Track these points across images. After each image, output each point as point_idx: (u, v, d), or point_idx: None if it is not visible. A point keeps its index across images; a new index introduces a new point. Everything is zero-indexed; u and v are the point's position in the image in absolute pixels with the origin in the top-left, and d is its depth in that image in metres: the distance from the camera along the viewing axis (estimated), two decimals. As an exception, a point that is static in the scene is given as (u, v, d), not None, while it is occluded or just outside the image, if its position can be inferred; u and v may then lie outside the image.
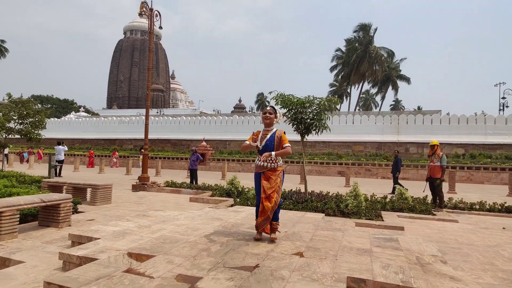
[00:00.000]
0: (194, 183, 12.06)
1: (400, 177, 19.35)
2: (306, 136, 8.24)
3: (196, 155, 12.90)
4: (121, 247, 3.22)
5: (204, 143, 24.86)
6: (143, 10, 11.83)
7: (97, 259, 2.87)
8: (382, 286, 2.47)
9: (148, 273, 2.51)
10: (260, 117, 3.98)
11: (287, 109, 7.99)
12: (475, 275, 3.75)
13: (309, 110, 8.00)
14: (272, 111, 3.78)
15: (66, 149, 17.29)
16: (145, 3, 11.94)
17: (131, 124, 31.34)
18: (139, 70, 61.02)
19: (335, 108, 8.44)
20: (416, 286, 2.51)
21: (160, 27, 12.61)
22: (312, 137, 8.41)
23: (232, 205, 7.45)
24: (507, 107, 33.68)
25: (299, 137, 8.35)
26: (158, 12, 12.37)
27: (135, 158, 24.57)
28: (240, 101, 59.67)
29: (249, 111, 56.52)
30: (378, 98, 49.71)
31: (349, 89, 45.64)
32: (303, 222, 4.64)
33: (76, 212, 6.62)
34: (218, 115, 34.69)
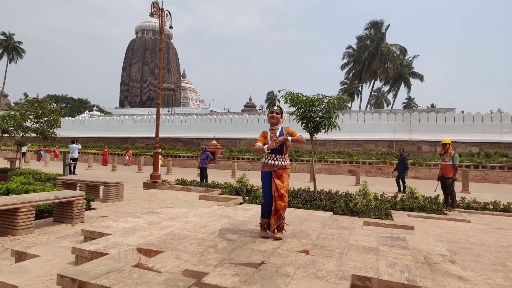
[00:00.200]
0: (204, 181, 12.19)
1: (412, 176, 19.20)
2: (316, 134, 8.22)
3: (206, 153, 13.02)
4: (131, 242, 3.30)
5: (215, 141, 25.04)
6: (154, 10, 11.99)
7: (108, 254, 2.96)
8: (387, 284, 2.47)
9: (156, 268, 2.58)
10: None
11: (296, 107, 7.99)
12: (485, 275, 3.70)
13: (318, 108, 7.98)
14: (279, 110, 3.80)
15: (80, 147, 17.70)
16: (156, 3, 12.09)
17: (143, 123, 31.81)
18: (150, 69, 61.79)
19: (345, 106, 8.37)
20: (422, 285, 2.49)
21: (171, 26, 12.75)
22: (322, 135, 8.37)
23: (240, 203, 7.51)
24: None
25: (308, 135, 8.34)
26: (169, 12, 12.52)
27: (147, 156, 24.94)
28: (250, 99, 59.75)
29: (259, 109, 56.37)
30: (390, 96, 48.95)
31: (360, 87, 45.11)
32: (310, 221, 4.65)
33: (89, 209, 6.80)
34: (229, 113, 34.84)
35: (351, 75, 42.70)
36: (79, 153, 19.93)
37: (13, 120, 10.93)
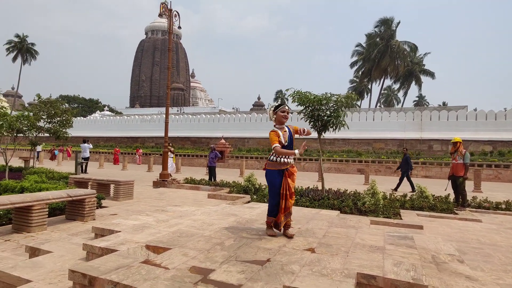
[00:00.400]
0: (212, 180, 12.27)
1: (423, 175, 18.94)
2: (324, 133, 8.19)
3: (215, 152, 13.11)
4: (139, 239, 3.38)
5: (223, 140, 25.15)
6: (163, 11, 12.12)
7: (117, 250, 3.04)
8: (392, 283, 2.47)
9: (164, 264, 2.64)
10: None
11: (304, 106, 7.98)
12: (495, 275, 3.65)
13: (326, 107, 7.95)
14: (289, 110, 3.91)
15: (91, 146, 18.04)
16: (165, 3, 12.22)
17: (153, 123, 32.18)
18: (160, 69, 62.41)
19: (354, 105, 8.33)
20: (428, 284, 2.49)
21: (179, 27, 12.87)
22: (331, 134, 8.35)
23: (248, 202, 7.55)
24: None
25: (316, 134, 8.32)
26: (177, 12, 12.64)
27: (156, 155, 25.23)
28: (259, 98, 59.75)
29: (268, 108, 56.41)
30: (400, 94, 48.28)
31: (370, 85, 44.63)
32: (317, 219, 4.66)
33: (100, 207, 6.94)
34: (237, 112, 34.95)
35: (360, 73, 42.26)
36: (90, 152, 20.32)
37: (27, 120, 11.20)
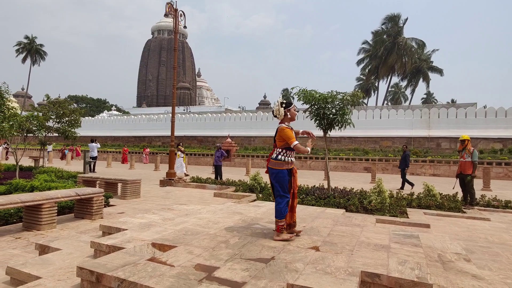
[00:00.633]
0: (218, 178, 12.33)
1: (431, 173, 18.73)
2: (329, 131, 8.17)
3: (221, 151, 13.16)
4: (146, 237, 3.43)
5: (229, 139, 25.22)
6: (169, 11, 12.19)
7: (124, 248, 3.09)
8: (396, 281, 2.46)
9: (169, 262, 2.68)
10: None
11: (309, 104, 7.96)
12: (503, 275, 3.60)
13: (332, 105, 7.92)
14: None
15: (99, 146, 18.26)
16: (171, 3, 12.29)
17: (159, 122, 32.41)
18: (166, 69, 62.77)
19: (359, 103, 8.28)
20: (432, 283, 2.47)
21: (185, 26, 12.94)
22: (338, 132, 8.31)
23: (254, 200, 7.58)
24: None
25: (322, 132, 8.29)
26: (183, 12, 12.70)
27: (163, 154, 25.43)
28: (265, 97, 59.63)
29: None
30: (408, 91, 47.66)
31: (377, 83, 44.21)
32: (322, 218, 4.66)
33: (108, 206, 7.04)
34: (243, 111, 34.97)
35: (367, 70, 41.88)
36: (98, 151, 20.58)
37: (36, 120, 11.40)
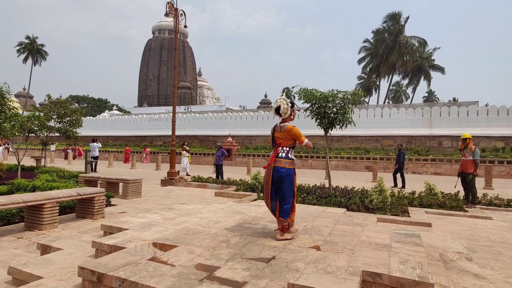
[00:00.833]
0: (219, 178, 12.34)
1: (432, 172, 18.69)
2: (330, 130, 8.15)
3: (222, 150, 13.16)
4: (147, 237, 3.43)
5: (230, 138, 25.22)
6: (169, 10, 12.18)
7: (125, 248, 3.09)
8: (397, 281, 2.46)
9: (170, 261, 2.68)
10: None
11: (310, 103, 7.95)
12: (505, 274, 3.59)
13: (332, 104, 7.90)
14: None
15: (100, 146, 18.29)
16: (171, 3, 12.27)
17: (160, 121, 32.44)
18: (167, 68, 62.77)
19: (360, 102, 8.28)
20: (434, 282, 2.47)
21: (185, 25, 12.93)
22: (339, 131, 8.29)
23: (255, 200, 7.58)
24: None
25: (322, 131, 8.28)
26: (183, 11, 12.70)
27: (164, 154, 25.45)
28: (265, 96, 59.65)
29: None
30: (409, 90, 47.53)
31: (378, 82, 44.10)
32: (323, 217, 4.66)
33: (109, 205, 7.05)
34: (244, 111, 34.96)
35: (368, 69, 41.79)
36: (99, 151, 20.62)
37: (37, 120, 11.43)
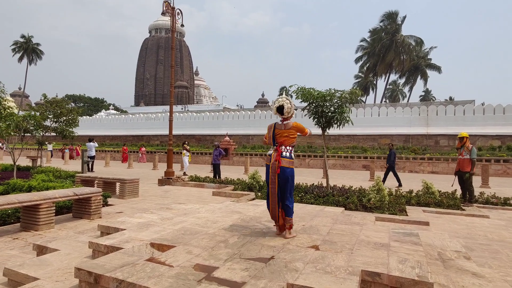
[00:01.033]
0: (217, 177, 12.30)
1: (429, 171, 18.76)
2: (328, 129, 8.15)
3: (219, 150, 13.13)
4: (144, 237, 3.40)
5: (227, 138, 25.17)
6: (166, 9, 12.11)
7: (122, 248, 3.06)
8: (397, 280, 2.45)
9: (168, 262, 2.66)
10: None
11: (307, 103, 7.94)
12: (503, 272, 3.60)
13: (330, 103, 7.90)
14: None
15: (97, 145, 18.18)
16: (168, 2, 12.20)
17: (157, 121, 32.31)
18: (164, 67, 62.53)
19: (358, 101, 8.29)
20: (433, 281, 2.46)
21: (182, 25, 12.89)
22: (336, 130, 8.29)
23: (253, 199, 7.56)
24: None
25: (320, 130, 8.27)
26: (180, 10, 12.63)
27: (161, 153, 25.36)
28: (263, 95, 59.54)
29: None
30: (406, 89, 47.69)
31: (375, 81, 44.22)
32: (322, 216, 4.65)
33: (106, 205, 7.00)
34: (241, 110, 34.89)
35: (365, 68, 41.88)
36: (96, 151, 20.48)
37: (33, 120, 11.33)
